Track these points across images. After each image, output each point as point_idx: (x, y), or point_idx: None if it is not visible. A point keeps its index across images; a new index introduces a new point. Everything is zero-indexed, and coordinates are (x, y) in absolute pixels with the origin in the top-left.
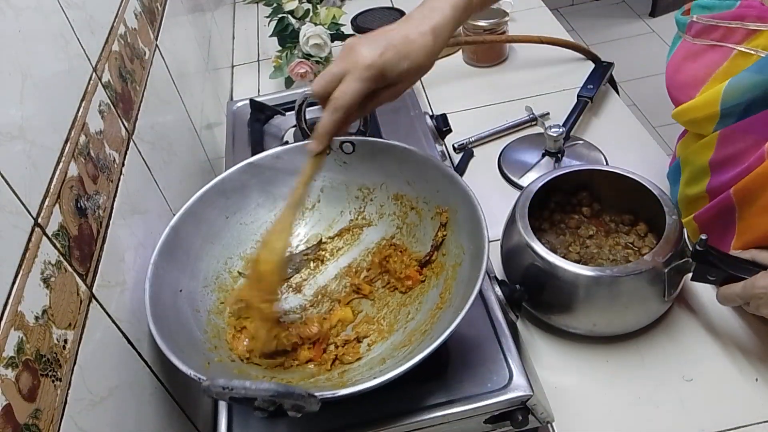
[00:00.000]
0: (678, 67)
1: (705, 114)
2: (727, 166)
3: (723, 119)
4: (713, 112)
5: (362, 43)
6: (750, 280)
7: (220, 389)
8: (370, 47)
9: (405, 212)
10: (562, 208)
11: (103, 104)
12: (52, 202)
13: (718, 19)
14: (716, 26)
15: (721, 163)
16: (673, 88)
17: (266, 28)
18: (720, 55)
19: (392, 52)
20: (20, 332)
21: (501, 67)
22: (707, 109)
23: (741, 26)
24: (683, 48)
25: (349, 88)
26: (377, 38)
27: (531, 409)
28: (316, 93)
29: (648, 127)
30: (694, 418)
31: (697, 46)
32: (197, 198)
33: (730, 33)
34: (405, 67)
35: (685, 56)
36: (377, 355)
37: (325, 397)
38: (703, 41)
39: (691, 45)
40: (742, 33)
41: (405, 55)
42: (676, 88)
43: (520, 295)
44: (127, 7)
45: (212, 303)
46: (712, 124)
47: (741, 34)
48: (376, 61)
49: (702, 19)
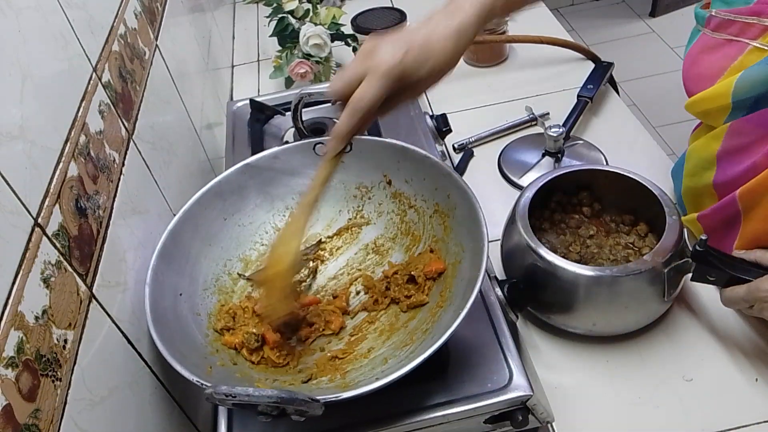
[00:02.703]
0: (695, 60)
1: (716, 105)
2: (734, 159)
3: (734, 111)
4: (725, 104)
5: (384, 43)
6: (754, 283)
7: (223, 396)
8: (392, 48)
9: (404, 210)
10: (563, 207)
11: (103, 104)
12: (52, 202)
13: (735, 14)
14: (734, 21)
15: (728, 154)
16: (689, 79)
17: (266, 28)
18: (736, 49)
19: (414, 53)
20: (20, 332)
21: (501, 67)
22: (719, 100)
23: (757, 22)
24: (701, 41)
25: (369, 91)
26: (399, 38)
27: (531, 409)
28: (334, 93)
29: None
30: (694, 418)
31: (714, 40)
32: (195, 200)
33: (747, 28)
34: (427, 69)
35: (703, 49)
36: (379, 355)
37: (328, 400)
38: (720, 35)
39: (709, 38)
40: (759, 29)
41: (427, 56)
42: (691, 79)
43: (520, 293)
44: (127, 7)
45: (212, 306)
46: (723, 116)
47: (757, 30)
48: (398, 63)
49: (720, 14)
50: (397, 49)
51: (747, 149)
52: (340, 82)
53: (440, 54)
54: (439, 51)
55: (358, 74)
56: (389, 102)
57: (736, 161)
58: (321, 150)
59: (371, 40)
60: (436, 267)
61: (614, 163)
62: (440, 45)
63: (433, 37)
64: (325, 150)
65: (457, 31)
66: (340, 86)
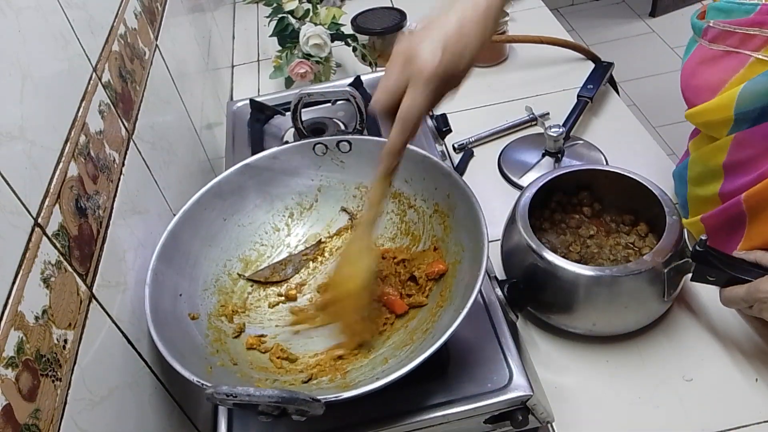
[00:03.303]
0: (693, 72)
1: (719, 118)
2: (740, 171)
3: (737, 124)
4: (727, 116)
5: (421, 43)
6: (754, 284)
7: (224, 396)
8: (430, 47)
9: (403, 210)
10: (563, 207)
11: (103, 104)
12: (52, 202)
13: (735, 26)
14: (733, 32)
15: (734, 166)
16: (688, 90)
17: (266, 28)
18: (737, 61)
19: (451, 47)
20: (20, 332)
21: (501, 67)
22: (721, 113)
23: (759, 33)
24: (699, 52)
25: (417, 100)
26: (433, 33)
27: (531, 409)
28: (381, 107)
29: (648, 127)
30: (694, 418)
31: (713, 51)
32: (195, 200)
33: (748, 39)
34: (464, 65)
35: (701, 61)
36: (379, 355)
37: (329, 400)
38: (719, 47)
39: (707, 50)
40: (761, 40)
41: (464, 46)
42: (691, 90)
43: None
44: (127, 7)
45: (212, 306)
46: (726, 128)
47: (759, 41)
48: (439, 63)
49: (719, 25)
50: (435, 47)
51: (754, 160)
52: (385, 94)
53: (474, 40)
54: (473, 37)
55: (401, 83)
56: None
57: (744, 172)
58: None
59: (406, 41)
60: (438, 268)
61: (614, 163)
62: (473, 30)
63: (465, 26)
64: (380, 169)
65: (485, 12)
66: (386, 100)
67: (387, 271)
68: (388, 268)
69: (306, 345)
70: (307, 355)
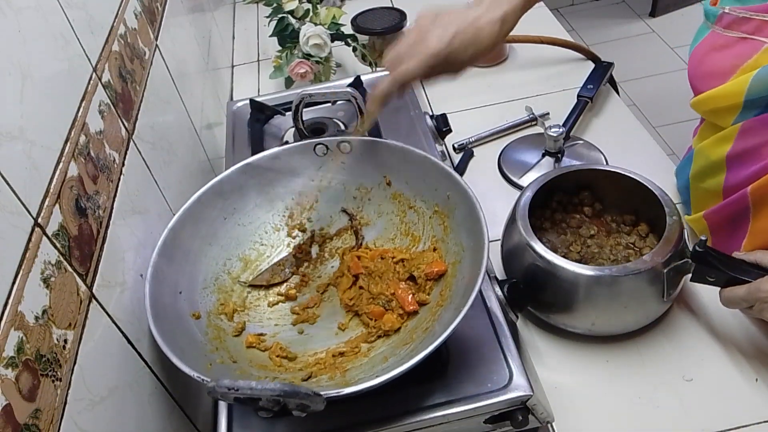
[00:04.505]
0: (703, 58)
1: (727, 104)
2: (744, 162)
3: (744, 111)
4: (736, 103)
5: (434, 28)
6: (755, 284)
7: (225, 390)
8: (440, 35)
9: (403, 211)
10: (564, 207)
11: (103, 104)
12: (52, 202)
13: (752, 12)
14: (749, 18)
15: (739, 157)
16: (696, 78)
17: (266, 28)
18: (749, 47)
19: (460, 39)
20: (20, 332)
21: (501, 67)
22: (731, 99)
23: None
24: (710, 39)
25: (411, 69)
26: (449, 22)
27: (531, 409)
28: (386, 62)
29: (648, 127)
30: (694, 418)
31: (725, 38)
32: (195, 199)
33: (764, 26)
34: (470, 53)
35: (712, 47)
36: (379, 354)
37: (330, 395)
38: (733, 33)
39: (719, 36)
40: None
41: (472, 42)
42: (699, 78)
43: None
44: (127, 7)
45: (212, 305)
46: (732, 116)
47: None
48: (446, 46)
49: (735, 11)
50: (444, 35)
51: (758, 151)
52: (394, 53)
53: (486, 38)
54: (484, 37)
55: (406, 54)
56: (428, 75)
57: (747, 164)
58: (320, 150)
59: (426, 17)
60: (437, 268)
61: (614, 163)
62: (487, 30)
63: (480, 22)
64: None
65: (503, 17)
66: (389, 61)
67: (387, 271)
68: (388, 268)
69: (306, 344)
70: (307, 353)
